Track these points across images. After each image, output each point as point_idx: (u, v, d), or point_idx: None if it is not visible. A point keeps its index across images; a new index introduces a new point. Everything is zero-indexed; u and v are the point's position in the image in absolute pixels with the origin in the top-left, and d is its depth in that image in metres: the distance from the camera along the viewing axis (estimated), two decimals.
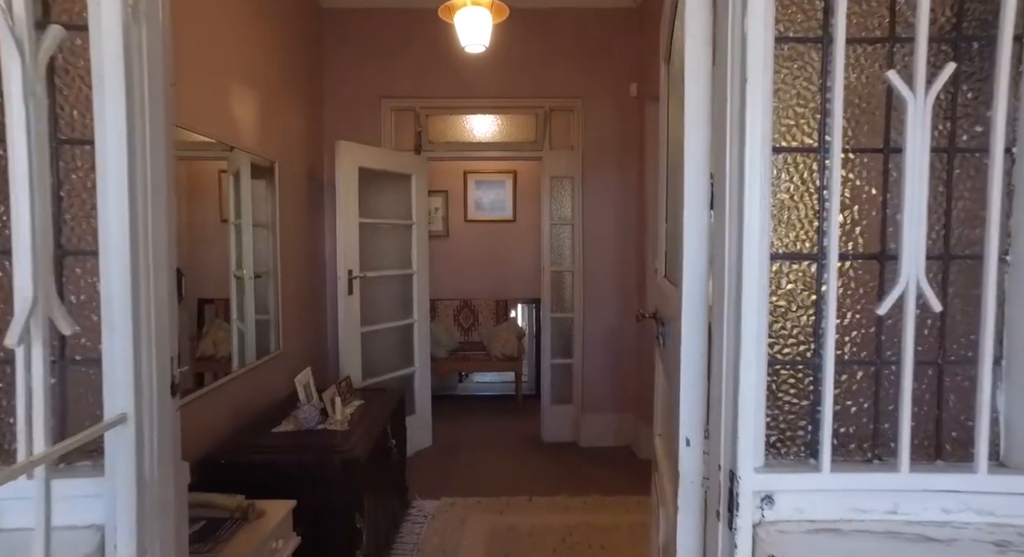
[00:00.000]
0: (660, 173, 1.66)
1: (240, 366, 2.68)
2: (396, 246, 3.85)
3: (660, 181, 1.66)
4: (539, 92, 3.87)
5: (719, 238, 0.88)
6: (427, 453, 3.88)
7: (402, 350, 3.89)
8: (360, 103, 3.83)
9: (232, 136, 2.52)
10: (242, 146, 2.61)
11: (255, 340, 2.92)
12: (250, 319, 2.91)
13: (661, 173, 1.66)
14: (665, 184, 1.63)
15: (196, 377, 2.46)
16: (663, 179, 1.64)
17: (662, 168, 1.66)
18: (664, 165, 1.64)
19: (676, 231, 1.43)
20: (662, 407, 1.63)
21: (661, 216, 1.65)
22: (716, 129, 0.91)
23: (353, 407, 2.68)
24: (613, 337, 3.98)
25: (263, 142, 2.84)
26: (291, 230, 3.22)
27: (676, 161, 1.41)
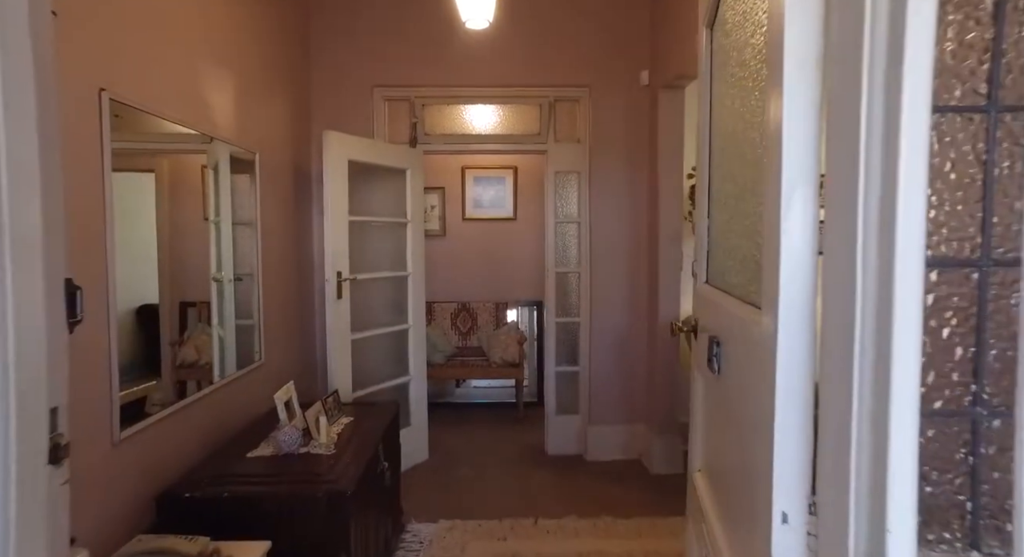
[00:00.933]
0: (700, 163, 1.41)
1: (221, 377, 2.45)
2: (389, 246, 3.58)
3: (700, 173, 1.40)
4: (543, 80, 3.61)
5: (844, 247, 0.62)
6: (424, 468, 3.61)
7: (396, 358, 3.62)
8: (351, 92, 3.56)
9: (205, 123, 2.25)
10: (216, 134, 2.34)
11: (235, 350, 2.66)
12: (229, 327, 2.65)
13: (702, 163, 1.40)
14: (707, 176, 1.37)
15: (178, 386, 2.26)
16: (704, 170, 1.39)
17: (703, 157, 1.40)
18: (705, 154, 1.38)
19: (725, 230, 1.18)
20: (702, 437, 1.37)
21: (701, 213, 1.39)
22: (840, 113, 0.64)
23: (341, 425, 2.41)
24: (622, 343, 3.72)
25: (241, 131, 2.56)
26: (275, 229, 2.95)
27: (727, 148, 1.16)
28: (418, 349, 3.66)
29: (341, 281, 3.09)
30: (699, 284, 1.41)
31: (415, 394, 3.65)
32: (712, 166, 1.32)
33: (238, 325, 2.67)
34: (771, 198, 0.77)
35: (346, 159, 3.12)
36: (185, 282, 2.39)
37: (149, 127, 2.02)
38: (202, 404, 2.20)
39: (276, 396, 2.12)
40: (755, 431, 0.82)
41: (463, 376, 4.64)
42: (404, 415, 3.60)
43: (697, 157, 1.47)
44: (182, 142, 2.26)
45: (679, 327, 1.40)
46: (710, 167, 1.34)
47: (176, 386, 2.28)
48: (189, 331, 2.45)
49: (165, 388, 2.23)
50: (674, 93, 3.39)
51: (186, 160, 2.38)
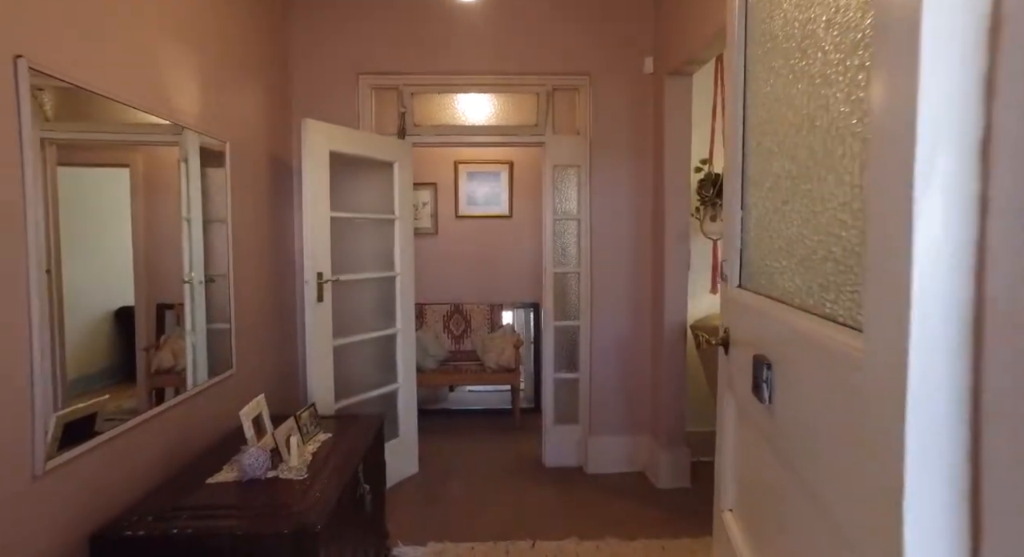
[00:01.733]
0: (732, 151, 1.18)
1: (194, 386, 2.24)
2: (376, 245, 3.33)
3: (731, 163, 1.17)
4: (540, 68, 3.37)
5: None
6: (412, 483, 3.37)
7: (383, 364, 3.38)
8: (334, 80, 3.32)
9: (162, 106, 2.00)
10: (177, 119, 2.09)
11: (206, 358, 2.43)
12: (200, 333, 2.42)
13: (732, 145, 1.17)
14: (739, 158, 1.13)
15: (155, 394, 2.09)
16: (735, 152, 1.15)
17: (733, 138, 1.17)
18: (738, 132, 1.15)
19: (776, 220, 0.94)
20: (735, 473, 1.14)
21: (732, 204, 1.16)
22: None
23: (317, 443, 2.17)
24: (625, 349, 3.49)
25: (207, 118, 2.32)
26: (249, 226, 2.70)
27: (778, 117, 0.92)
28: (407, 355, 3.42)
29: (322, 282, 2.85)
30: (731, 288, 1.17)
31: (404, 403, 3.41)
32: (749, 146, 1.09)
33: (210, 331, 2.46)
34: (887, 167, 0.53)
35: (327, 150, 2.88)
36: (162, 283, 2.24)
37: (113, 116, 1.83)
38: (162, 420, 1.95)
39: (242, 413, 1.87)
40: (857, 501, 0.59)
41: (456, 382, 4.40)
42: (392, 426, 3.37)
43: (725, 141, 1.24)
44: (153, 133, 2.08)
45: (707, 339, 1.18)
46: (744, 148, 1.11)
47: (151, 394, 2.10)
48: (166, 335, 2.27)
49: (142, 396, 2.05)
50: (681, 80, 3.16)
51: (162, 154, 2.21)
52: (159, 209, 2.18)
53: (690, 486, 3.27)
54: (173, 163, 2.25)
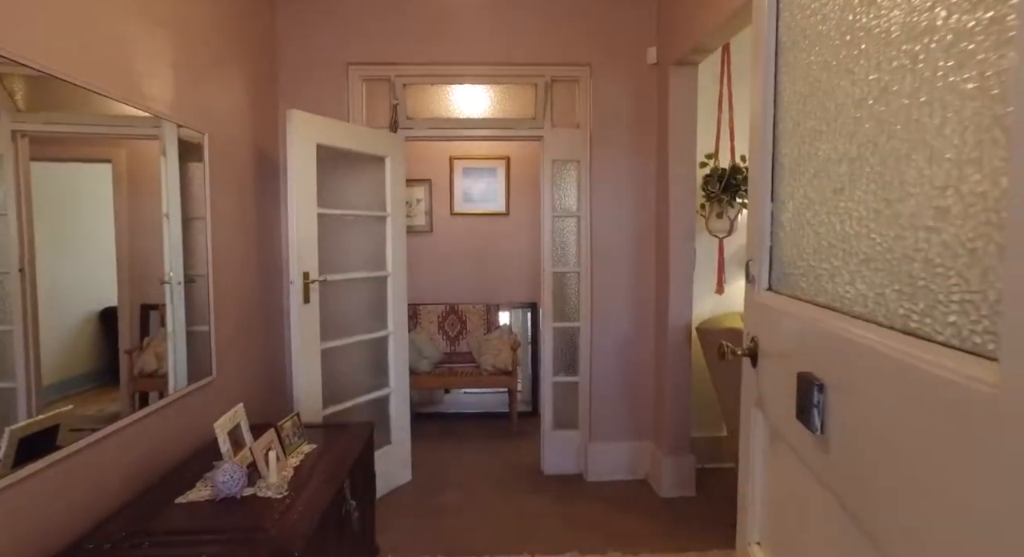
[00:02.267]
0: (759, 136, 1.03)
1: (175, 391, 2.12)
2: (367, 243, 3.18)
3: (758, 149, 1.03)
4: (538, 58, 3.23)
5: None
6: (405, 492, 3.23)
7: (375, 368, 3.23)
8: (323, 70, 3.17)
9: (131, 92, 1.85)
10: (148, 107, 1.94)
11: (186, 363, 2.30)
12: (179, 337, 2.28)
13: (761, 136, 1.03)
14: (770, 152, 0.99)
15: (138, 398, 2.00)
16: (763, 146, 1.01)
17: (762, 128, 1.02)
18: (766, 123, 1.01)
19: (824, 212, 0.80)
20: (764, 505, 1.00)
21: (760, 195, 1.02)
22: None
23: (301, 455, 2.02)
24: (627, 351, 3.35)
25: (183, 106, 2.16)
26: (231, 223, 2.55)
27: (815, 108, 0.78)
28: (399, 358, 3.27)
29: (309, 283, 2.70)
30: (758, 291, 1.03)
31: (396, 408, 3.26)
32: (782, 128, 0.94)
33: (190, 334, 2.33)
34: None
35: (314, 143, 2.73)
36: (146, 283, 2.15)
37: (89, 107, 1.72)
38: (132, 432, 1.80)
39: (217, 425, 1.72)
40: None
41: (451, 385, 4.26)
42: (384, 432, 3.22)
43: (750, 125, 1.10)
44: (132, 126, 1.97)
45: (731, 349, 1.03)
46: (775, 131, 0.97)
47: (134, 398, 2.00)
48: (150, 337, 2.16)
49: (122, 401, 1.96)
50: (686, 71, 3.02)
51: (145, 148, 2.09)
52: (143, 206, 2.09)
53: (695, 494, 3.14)
54: (156, 158, 2.14)
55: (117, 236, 1.95)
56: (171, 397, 2.05)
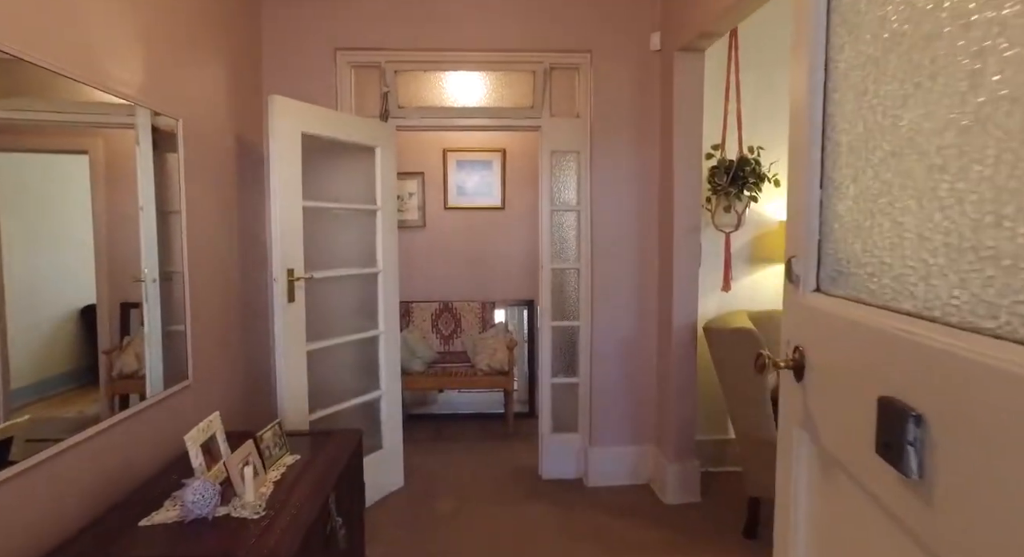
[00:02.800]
0: (803, 107, 0.88)
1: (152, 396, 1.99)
2: (356, 238, 3.03)
3: (806, 127, 0.88)
4: (537, 45, 3.07)
5: None
6: (397, 499, 3.08)
7: (365, 370, 3.07)
8: (310, 56, 3.00)
9: (90, 72, 1.68)
10: (110, 88, 1.77)
11: (161, 367, 2.15)
12: (155, 337, 2.14)
13: (807, 106, 0.88)
14: (819, 126, 0.85)
15: (118, 400, 1.89)
16: (808, 120, 0.87)
17: (807, 97, 0.88)
18: (813, 91, 0.86)
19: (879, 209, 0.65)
20: (806, 547, 0.85)
21: (808, 186, 0.87)
22: None
23: (283, 468, 1.87)
24: (629, 351, 3.21)
25: (155, 90, 2.00)
26: (210, 217, 2.38)
27: (893, 69, 0.63)
28: (391, 359, 3.11)
29: (293, 280, 2.54)
30: (803, 292, 0.89)
31: (387, 412, 3.11)
32: (837, 97, 0.80)
33: (167, 335, 2.18)
34: None
35: (299, 132, 2.56)
36: (126, 280, 2.04)
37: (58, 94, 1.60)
38: (97, 443, 1.65)
39: (188, 437, 1.57)
40: None
41: (445, 386, 4.11)
42: (374, 437, 3.07)
43: (790, 93, 0.95)
44: (106, 113, 1.84)
45: (773, 360, 0.88)
46: (826, 102, 0.82)
47: (113, 400, 1.89)
48: (130, 337, 2.03)
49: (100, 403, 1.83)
50: (692, 57, 2.87)
51: (123, 138, 1.96)
52: (122, 199, 1.98)
53: (700, 500, 3.00)
54: (134, 148, 2.00)
55: (95, 230, 1.86)
56: (139, 406, 1.89)
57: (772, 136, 3.18)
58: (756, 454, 2.55)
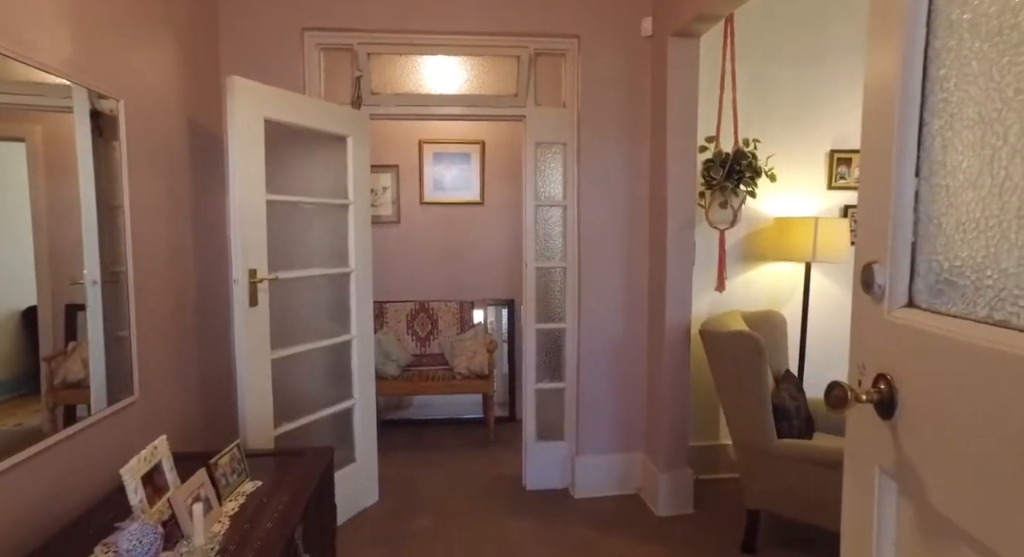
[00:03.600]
0: (902, 84, 0.71)
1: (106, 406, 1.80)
2: (326, 235, 2.79)
3: (898, 102, 0.70)
4: (521, 28, 2.87)
5: None
6: (371, 516, 2.86)
7: (336, 377, 2.84)
8: (274, 36, 2.74)
9: (3, 38, 1.43)
10: (26, 57, 1.51)
11: (105, 379, 1.91)
12: (97, 346, 1.90)
13: (903, 84, 0.70)
14: (916, 103, 0.67)
15: (63, 411, 1.70)
16: (905, 97, 0.69)
17: (903, 74, 0.70)
18: (910, 67, 0.68)
19: None
20: None
21: (899, 173, 0.69)
22: None
23: (242, 498, 1.64)
24: (618, 355, 3.04)
25: (89, 65, 1.74)
26: (158, 210, 2.13)
27: None
28: (364, 365, 2.89)
29: (256, 282, 2.29)
30: (889, 308, 0.71)
31: (361, 422, 2.89)
32: (943, 53, 0.62)
33: (111, 344, 1.95)
34: None
35: (262, 117, 2.32)
36: (67, 280, 1.85)
37: None
38: (15, 476, 1.40)
39: (125, 471, 1.33)
40: None
41: (421, 391, 3.90)
42: (347, 449, 2.85)
43: (867, 51, 0.77)
44: (40, 94, 1.62)
45: (855, 394, 0.71)
46: (927, 63, 0.65)
47: (55, 411, 1.68)
48: (77, 342, 1.83)
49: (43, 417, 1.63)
50: (686, 43, 2.70)
51: (63, 123, 1.74)
52: (64, 191, 1.77)
53: (693, 512, 2.86)
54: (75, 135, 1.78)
55: (35, 225, 1.66)
56: (73, 428, 1.65)
57: (767, 129, 3.04)
58: (756, 465, 2.41)
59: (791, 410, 2.50)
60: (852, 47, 3.10)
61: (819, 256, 2.84)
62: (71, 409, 1.84)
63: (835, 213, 3.20)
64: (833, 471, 2.19)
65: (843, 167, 3.17)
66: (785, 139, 3.09)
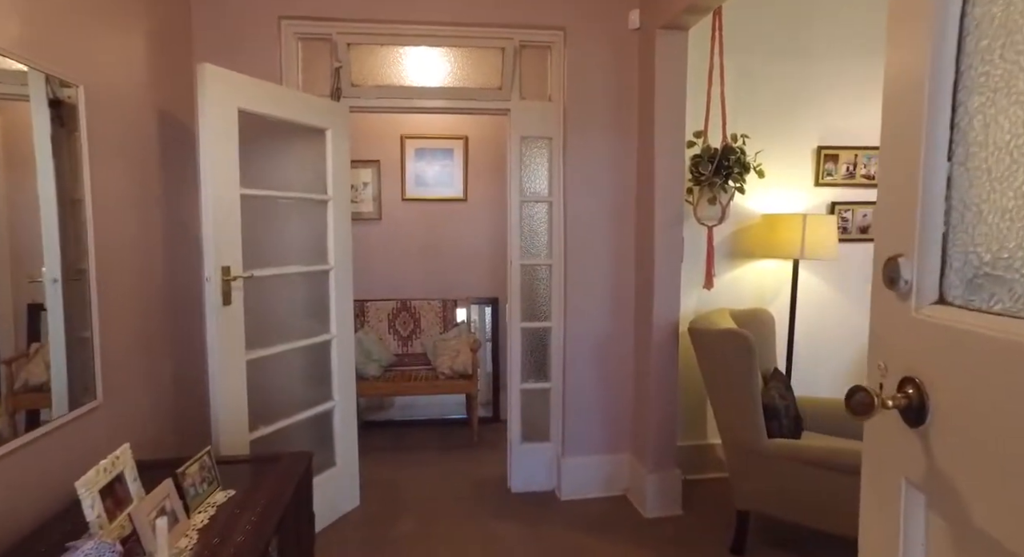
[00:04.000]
0: (931, 55, 0.65)
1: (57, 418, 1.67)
2: (304, 232, 2.69)
3: (930, 77, 0.64)
4: (506, 19, 2.79)
5: None
6: (352, 521, 2.77)
7: (315, 378, 2.75)
8: (249, 25, 2.63)
9: None
10: None
11: (67, 382, 1.81)
12: (58, 349, 1.79)
13: (933, 54, 0.64)
14: (949, 78, 0.61)
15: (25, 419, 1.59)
16: (937, 72, 0.63)
17: (937, 40, 0.64)
18: (943, 35, 0.63)
19: None
20: None
21: (928, 155, 0.64)
22: None
23: (212, 509, 1.55)
24: (605, 353, 2.99)
25: (40, 45, 1.63)
26: (124, 204, 2.02)
27: None
28: (344, 365, 2.79)
29: (229, 280, 2.19)
30: (916, 305, 0.66)
31: (341, 424, 2.79)
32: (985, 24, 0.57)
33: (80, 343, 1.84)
34: None
35: (235, 108, 2.21)
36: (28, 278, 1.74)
37: None
38: None
39: (80, 484, 1.23)
40: None
41: (403, 392, 3.80)
42: (327, 453, 2.75)
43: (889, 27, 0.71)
44: None
45: (880, 398, 0.65)
46: (963, 33, 0.59)
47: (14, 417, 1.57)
48: (40, 343, 1.74)
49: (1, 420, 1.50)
50: (674, 36, 2.65)
51: (22, 113, 1.62)
52: (26, 185, 1.66)
53: (682, 513, 2.81)
54: None
55: None
56: (30, 435, 1.54)
57: (755, 125, 3.01)
58: (746, 465, 2.36)
59: (780, 409, 2.47)
60: (840, 44, 3.08)
61: (808, 253, 2.81)
62: (34, 414, 1.74)
63: (822, 210, 3.17)
64: (825, 471, 2.16)
65: (830, 163, 3.15)
66: (772, 135, 3.06)
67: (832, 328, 3.23)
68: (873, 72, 3.12)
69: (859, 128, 3.14)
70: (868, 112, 3.14)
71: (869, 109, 3.13)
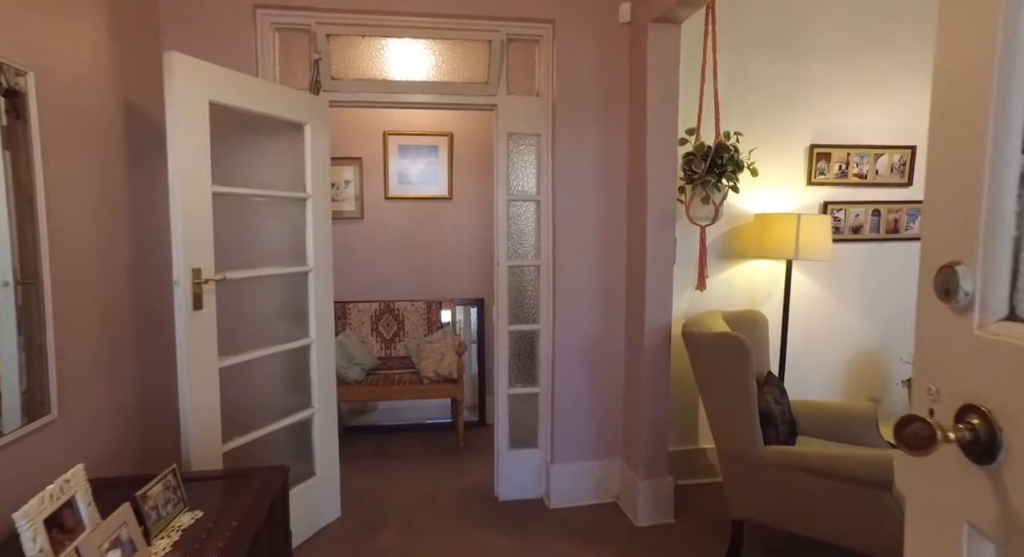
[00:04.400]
0: (1008, 48, 0.56)
1: None
2: (282, 231, 2.56)
3: (1005, 68, 0.55)
4: (493, 11, 2.69)
5: None
6: (332, 533, 2.66)
7: (293, 385, 2.62)
8: (222, 13, 2.50)
9: None
10: None
11: (19, 394, 1.67)
12: (8, 358, 1.66)
13: (1012, 47, 0.55)
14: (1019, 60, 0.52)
15: None
16: (1007, 49, 0.54)
17: (1015, 32, 0.55)
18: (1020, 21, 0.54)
19: None
20: None
21: (997, 150, 0.55)
22: None
23: (177, 533, 1.42)
24: (595, 357, 2.90)
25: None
26: (84, 203, 1.88)
27: None
28: (325, 371, 2.67)
29: (201, 283, 2.06)
30: (980, 322, 0.57)
31: (321, 433, 2.67)
32: None
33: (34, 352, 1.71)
34: None
35: (206, 99, 2.08)
36: None
37: None
38: None
39: (19, 515, 1.11)
40: None
41: (387, 397, 3.67)
42: (305, 463, 2.63)
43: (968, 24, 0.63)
44: None
45: (943, 433, 0.56)
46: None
47: None
48: None
49: None
50: (667, 30, 2.57)
51: None
52: None
53: (674, 521, 2.73)
54: None
55: None
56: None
57: (748, 123, 2.94)
58: (741, 473, 2.29)
59: (776, 414, 2.40)
60: (834, 42, 3.02)
61: (802, 254, 2.74)
62: None
63: (814, 209, 3.12)
64: (825, 480, 2.08)
65: (822, 162, 3.09)
66: (765, 133, 3.00)
67: (824, 329, 3.18)
68: (867, 71, 3.06)
69: (852, 127, 3.09)
70: (862, 111, 3.08)
71: (863, 108, 3.08)
